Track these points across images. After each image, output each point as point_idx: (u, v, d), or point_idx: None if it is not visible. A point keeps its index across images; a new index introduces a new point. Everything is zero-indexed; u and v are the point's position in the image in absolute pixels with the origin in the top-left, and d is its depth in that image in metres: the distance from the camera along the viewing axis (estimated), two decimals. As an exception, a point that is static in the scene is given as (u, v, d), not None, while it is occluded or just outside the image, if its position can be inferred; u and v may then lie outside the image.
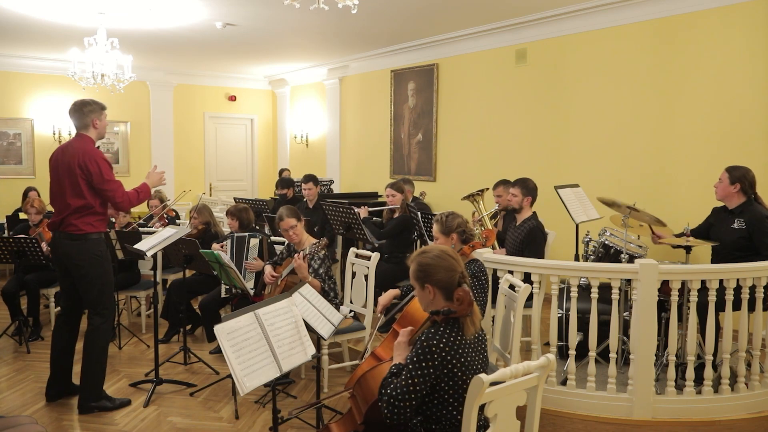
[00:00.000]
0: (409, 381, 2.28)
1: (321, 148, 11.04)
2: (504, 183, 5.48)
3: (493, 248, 4.69)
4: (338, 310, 3.55)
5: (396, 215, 5.94)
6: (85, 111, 4.05)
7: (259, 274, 4.92)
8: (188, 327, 5.60)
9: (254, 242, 5.13)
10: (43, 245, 5.51)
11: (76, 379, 4.26)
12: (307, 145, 11.43)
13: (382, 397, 2.33)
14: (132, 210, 6.46)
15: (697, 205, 5.60)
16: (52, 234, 4.17)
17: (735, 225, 4.18)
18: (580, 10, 6.47)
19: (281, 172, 10.40)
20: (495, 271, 4.00)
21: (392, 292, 3.48)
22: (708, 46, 5.65)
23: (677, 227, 4.84)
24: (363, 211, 5.97)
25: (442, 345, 2.30)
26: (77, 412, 4.08)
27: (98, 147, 4.14)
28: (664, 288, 3.71)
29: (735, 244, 4.16)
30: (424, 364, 2.28)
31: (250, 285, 4.95)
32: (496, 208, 5.41)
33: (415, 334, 2.61)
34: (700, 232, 4.47)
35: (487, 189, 5.49)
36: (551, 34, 6.93)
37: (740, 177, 4.20)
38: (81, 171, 3.92)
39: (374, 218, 6.25)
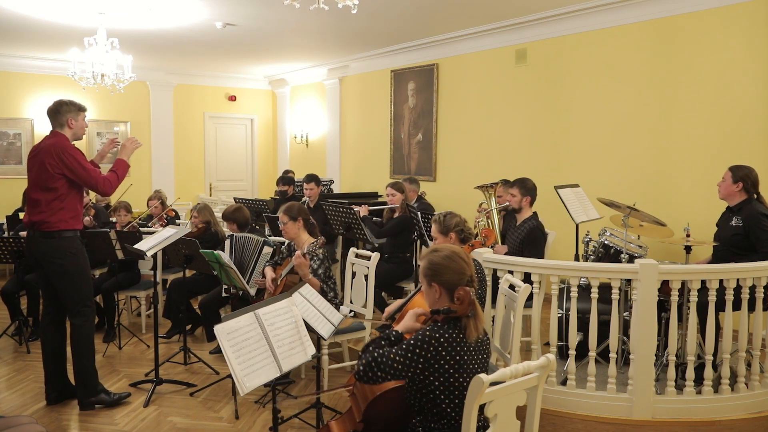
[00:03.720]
0: (395, 357, 2.32)
1: (321, 148, 11.04)
2: (504, 183, 5.47)
3: (494, 245, 4.66)
4: (338, 310, 3.55)
5: (396, 215, 5.94)
6: (61, 110, 4.08)
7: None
8: (188, 327, 5.60)
9: (268, 251, 4.95)
10: None
11: (72, 379, 4.25)
12: (307, 145, 11.44)
13: (364, 353, 2.39)
14: (133, 210, 6.49)
15: (698, 206, 5.61)
16: (26, 233, 4.14)
17: (733, 222, 4.21)
18: (580, 10, 6.47)
19: (286, 172, 10.37)
20: (495, 271, 4.00)
21: (401, 302, 3.47)
22: (708, 46, 5.65)
23: (677, 227, 4.84)
24: (363, 210, 5.97)
25: (441, 340, 2.32)
26: (77, 411, 4.08)
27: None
28: (664, 288, 3.71)
29: (732, 241, 4.18)
30: (417, 351, 2.31)
31: (253, 291, 4.89)
32: (507, 204, 5.32)
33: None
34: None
35: (498, 184, 5.44)
36: (551, 34, 6.93)
37: (743, 176, 4.22)
38: (54, 164, 3.89)
39: (375, 218, 6.25)
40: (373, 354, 2.36)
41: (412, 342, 2.34)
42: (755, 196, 4.25)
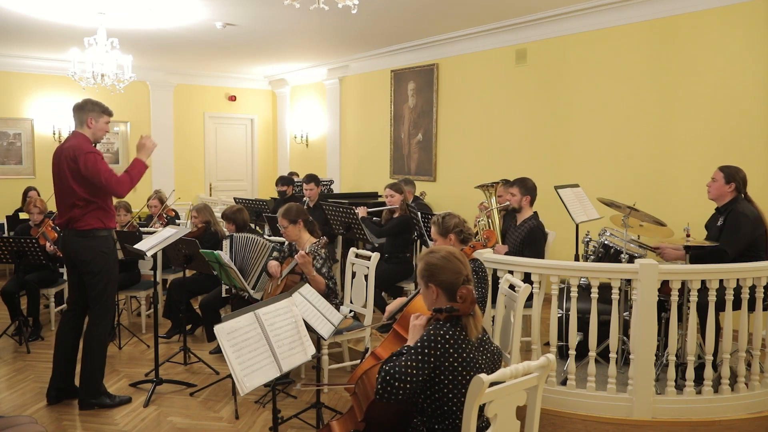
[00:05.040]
0: (409, 363, 2.31)
1: (321, 148, 11.04)
2: (504, 183, 5.46)
3: (494, 245, 4.65)
4: (338, 310, 3.55)
5: (396, 215, 5.94)
6: (86, 108, 4.09)
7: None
8: (188, 327, 5.60)
9: (275, 256, 4.88)
10: (47, 245, 5.50)
11: (77, 380, 4.25)
12: (307, 145, 11.43)
13: (380, 372, 2.37)
14: (132, 210, 6.49)
15: (697, 206, 5.60)
16: (61, 232, 4.17)
17: (719, 222, 4.22)
18: (580, 10, 6.47)
19: (290, 174, 10.34)
20: (495, 270, 4.00)
21: (401, 300, 3.48)
22: (708, 46, 5.65)
23: (677, 228, 4.83)
24: (362, 211, 5.97)
25: (447, 337, 2.34)
26: (77, 411, 4.08)
27: (94, 145, 4.11)
28: (664, 288, 3.71)
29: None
30: (426, 351, 2.32)
31: (258, 296, 4.87)
32: (508, 204, 5.31)
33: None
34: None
35: (498, 184, 5.43)
36: (551, 34, 6.93)
37: (735, 176, 4.23)
38: (73, 168, 3.92)
39: (374, 218, 6.25)
40: (385, 369, 2.34)
41: (419, 344, 2.35)
42: (743, 195, 4.27)
